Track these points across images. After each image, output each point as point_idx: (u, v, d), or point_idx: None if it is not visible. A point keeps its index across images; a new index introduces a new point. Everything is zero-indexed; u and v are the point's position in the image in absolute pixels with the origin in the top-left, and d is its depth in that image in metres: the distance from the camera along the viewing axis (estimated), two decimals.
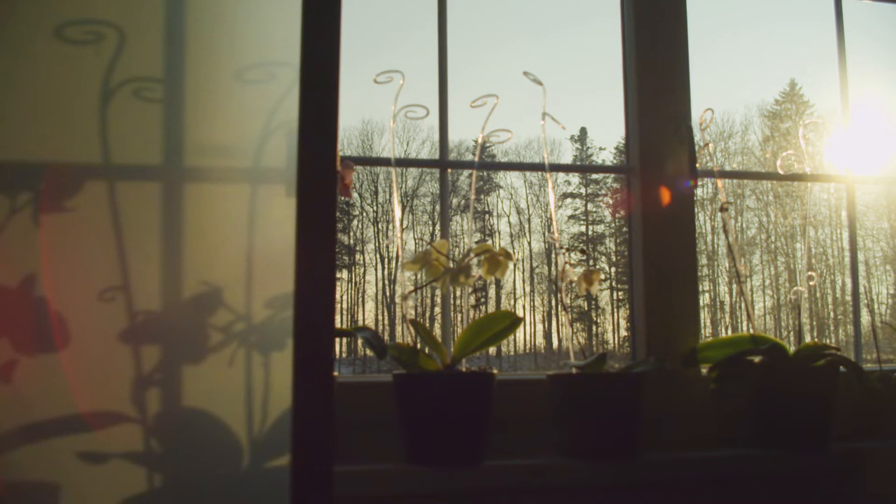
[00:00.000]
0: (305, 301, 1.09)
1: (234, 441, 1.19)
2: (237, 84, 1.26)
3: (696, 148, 1.99)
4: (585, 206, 20.99)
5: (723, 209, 1.97)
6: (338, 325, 1.53)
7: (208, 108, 1.25)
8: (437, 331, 1.83)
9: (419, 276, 1.73)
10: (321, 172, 1.12)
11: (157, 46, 1.25)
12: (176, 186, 1.22)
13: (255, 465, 1.20)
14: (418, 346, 1.68)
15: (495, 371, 1.65)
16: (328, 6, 1.16)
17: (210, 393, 1.19)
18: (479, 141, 1.80)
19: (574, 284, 1.81)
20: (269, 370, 1.20)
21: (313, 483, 1.08)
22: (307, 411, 1.08)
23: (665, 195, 1.98)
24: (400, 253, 1.80)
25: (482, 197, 20.13)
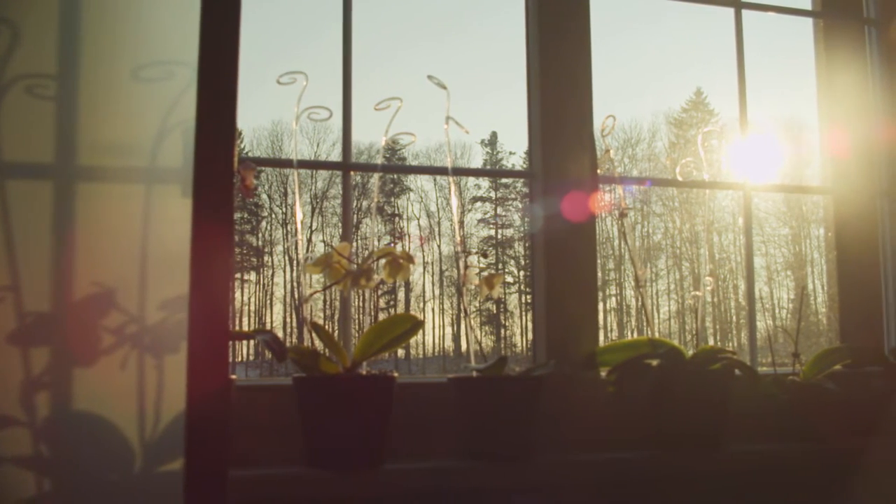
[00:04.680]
0: (200, 303, 1.08)
1: (126, 445, 1.17)
2: (133, 82, 1.24)
3: (599, 154, 2.01)
4: (495, 210, 21.09)
5: (622, 215, 2.00)
6: (245, 327, 1.51)
7: (103, 106, 1.23)
8: (352, 333, 1.82)
9: (325, 278, 1.72)
10: (218, 173, 1.11)
11: (51, 43, 1.23)
12: (68, 185, 1.20)
13: (148, 469, 1.19)
14: (322, 349, 1.67)
15: (395, 374, 1.65)
16: (227, 5, 1.15)
17: (101, 396, 1.17)
18: (383, 144, 1.80)
19: (476, 288, 1.82)
20: (162, 373, 1.19)
21: (207, 488, 1.07)
22: (201, 414, 1.07)
23: (567, 201, 1.99)
24: (301, 255, 1.79)
25: (392, 200, 20.11)
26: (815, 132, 2.40)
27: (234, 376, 1.63)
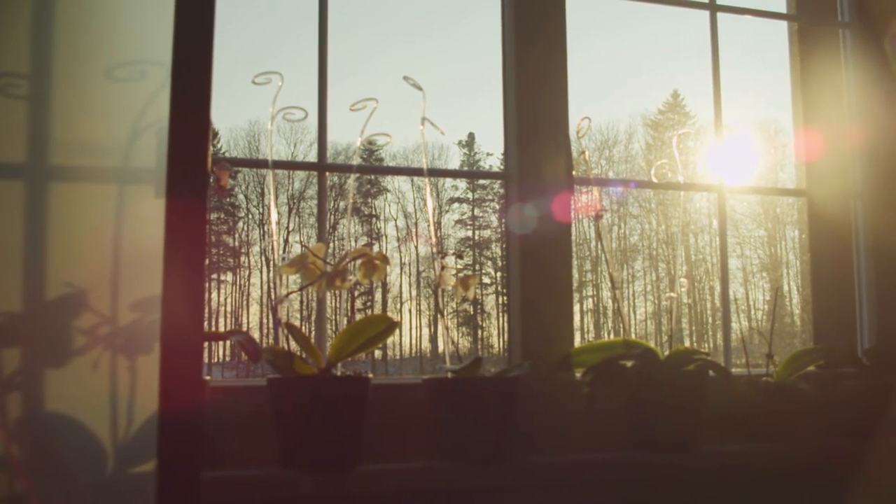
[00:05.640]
0: (173, 304, 1.08)
1: (99, 446, 1.17)
2: (107, 82, 1.23)
3: (574, 155, 2.01)
4: (472, 211, 21.11)
5: (597, 217, 2.00)
6: (222, 327, 1.50)
7: (76, 105, 1.22)
8: (329, 334, 1.82)
9: (301, 279, 1.72)
10: (191, 173, 1.10)
11: (24, 42, 1.22)
12: (40, 185, 1.19)
13: (120, 470, 1.18)
14: (297, 350, 1.67)
15: (370, 375, 1.64)
16: (201, 5, 1.15)
17: (74, 397, 1.16)
18: (359, 144, 1.80)
19: (451, 289, 1.82)
20: (135, 374, 1.18)
21: (180, 489, 1.07)
22: (174, 416, 1.07)
23: (543, 202, 2.00)
24: (277, 256, 1.79)
25: (370, 200, 20.09)
26: (790, 134, 2.42)
27: (208, 377, 1.62)
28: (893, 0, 2.37)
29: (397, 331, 1.66)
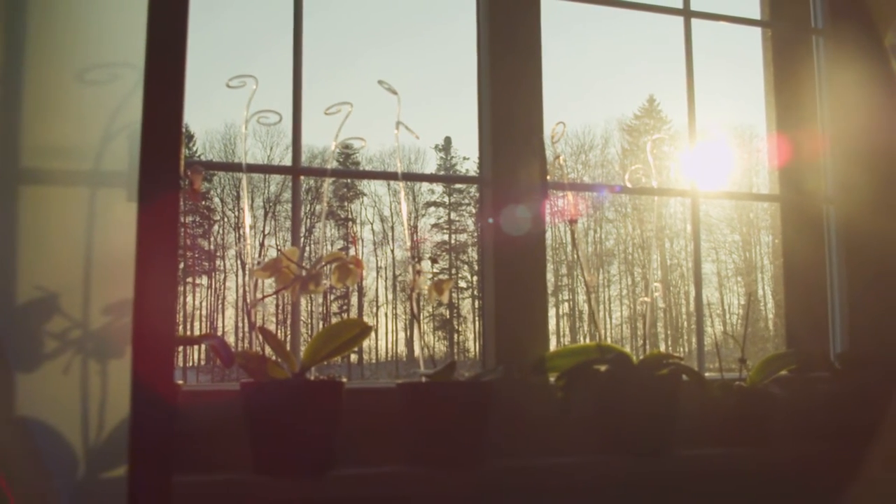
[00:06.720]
0: (145, 308, 1.07)
1: (69, 451, 1.16)
2: (79, 85, 1.23)
3: (549, 160, 2.01)
4: (448, 215, 21.10)
5: (572, 222, 2.00)
6: (197, 331, 1.50)
7: (48, 108, 1.21)
8: (305, 337, 1.81)
9: (275, 283, 1.71)
10: (163, 177, 1.10)
11: None
12: (11, 188, 1.18)
13: (91, 475, 1.17)
14: (272, 355, 1.66)
15: (344, 379, 1.64)
16: (175, 7, 1.14)
17: (44, 401, 1.16)
18: (333, 148, 1.80)
19: (426, 294, 1.81)
20: (106, 378, 1.18)
21: (151, 494, 1.06)
22: (145, 421, 1.06)
23: (517, 206, 2.00)
24: (251, 259, 1.78)
25: (346, 204, 20.05)
26: (764, 139, 2.43)
27: (180, 381, 1.62)
28: (868, 7, 2.39)
29: (373, 335, 1.66)
